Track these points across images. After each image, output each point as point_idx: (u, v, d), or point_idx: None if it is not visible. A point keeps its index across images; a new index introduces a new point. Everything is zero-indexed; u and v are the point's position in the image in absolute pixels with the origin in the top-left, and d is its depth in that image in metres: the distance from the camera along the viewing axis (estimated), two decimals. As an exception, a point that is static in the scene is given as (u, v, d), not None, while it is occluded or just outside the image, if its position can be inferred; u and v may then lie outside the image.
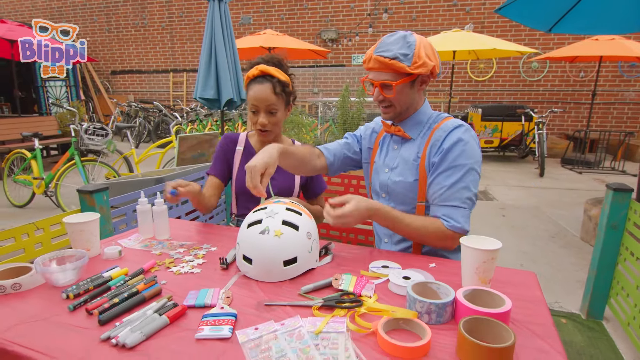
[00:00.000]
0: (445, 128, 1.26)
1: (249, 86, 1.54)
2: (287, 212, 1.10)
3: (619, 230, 2.13)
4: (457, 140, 1.22)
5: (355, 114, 4.42)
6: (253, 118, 1.55)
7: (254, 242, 1.05)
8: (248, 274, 1.07)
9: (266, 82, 1.50)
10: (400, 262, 1.15)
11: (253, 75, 1.51)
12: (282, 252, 1.04)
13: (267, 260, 1.04)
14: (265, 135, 1.59)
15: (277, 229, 1.04)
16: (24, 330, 0.82)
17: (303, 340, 0.76)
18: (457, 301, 0.85)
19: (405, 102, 1.29)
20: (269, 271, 1.04)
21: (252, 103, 1.52)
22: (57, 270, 1.00)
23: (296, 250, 1.05)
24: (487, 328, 0.76)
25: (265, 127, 1.54)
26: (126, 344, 0.75)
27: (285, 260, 1.04)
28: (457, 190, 1.22)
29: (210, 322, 0.82)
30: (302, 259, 1.07)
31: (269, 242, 1.03)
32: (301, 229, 1.07)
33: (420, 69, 1.21)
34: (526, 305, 0.92)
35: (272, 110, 1.52)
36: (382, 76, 1.25)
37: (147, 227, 1.36)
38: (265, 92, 1.49)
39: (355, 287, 0.97)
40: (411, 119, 1.34)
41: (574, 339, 2.09)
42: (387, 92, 1.27)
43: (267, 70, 1.50)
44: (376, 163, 1.45)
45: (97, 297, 0.94)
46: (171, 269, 1.11)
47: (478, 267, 0.94)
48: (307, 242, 1.08)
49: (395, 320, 0.81)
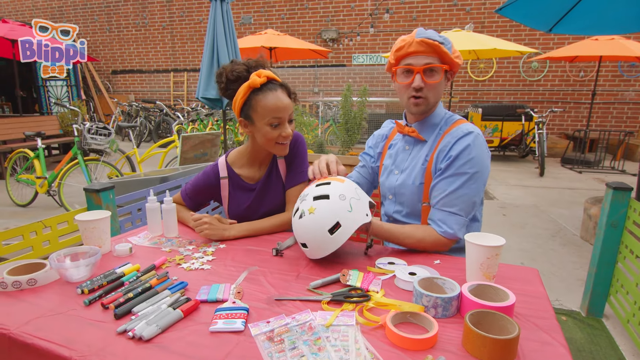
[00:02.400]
0: (455, 134, 1.25)
1: (256, 97, 1.30)
2: (317, 188, 1.15)
3: (619, 229, 2.15)
4: (464, 148, 1.21)
5: (357, 114, 4.44)
6: (274, 133, 1.32)
7: (299, 228, 1.13)
8: (312, 257, 1.16)
9: (277, 87, 1.32)
10: (405, 258, 1.18)
11: (260, 84, 1.29)
12: (322, 223, 1.08)
13: (315, 237, 1.09)
14: (286, 147, 1.40)
15: (310, 206, 1.10)
16: (42, 324, 0.84)
17: (314, 333, 0.79)
18: (462, 295, 0.87)
19: (438, 95, 1.28)
20: (323, 245, 1.09)
21: (274, 116, 1.30)
22: (71, 266, 1.03)
23: (335, 215, 1.08)
24: (492, 321, 0.78)
25: (289, 137, 1.37)
26: (143, 337, 0.78)
27: (328, 228, 1.07)
28: (457, 197, 1.22)
29: (224, 316, 0.84)
30: (346, 221, 1.08)
31: (307, 220, 1.10)
32: (332, 195, 1.10)
33: (458, 60, 1.22)
34: (529, 300, 0.95)
35: (292, 117, 1.37)
36: (427, 59, 1.19)
37: (156, 224, 1.38)
38: (285, 100, 1.32)
39: (362, 283, 0.99)
40: (428, 120, 1.33)
41: (574, 336, 2.11)
42: (431, 77, 1.22)
43: (272, 76, 1.33)
44: (385, 165, 1.46)
45: (112, 292, 0.96)
46: (182, 266, 1.13)
47: (482, 263, 0.96)
48: (342, 204, 1.09)
49: (402, 313, 0.84)
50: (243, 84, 1.31)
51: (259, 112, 1.31)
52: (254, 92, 1.31)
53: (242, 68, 1.34)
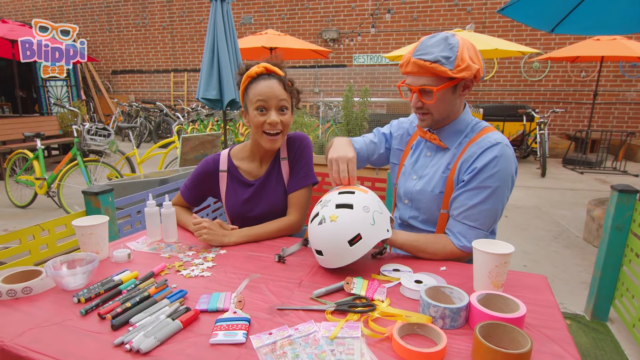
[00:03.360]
0: (482, 144, 1.19)
1: (250, 85, 1.34)
2: (340, 195, 1.11)
3: (624, 232, 2.13)
4: (490, 160, 1.15)
5: (358, 114, 4.41)
6: (259, 118, 1.32)
7: (317, 234, 1.09)
8: (325, 266, 1.12)
9: (273, 78, 1.34)
10: (410, 265, 1.15)
11: (256, 73, 1.32)
12: (343, 233, 1.04)
13: (333, 246, 1.06)
14: (274, 141, 1.36)
15: (332, 214, 1.06)
16: (37, 335, 0.82)
17: (318, 346, 0.76)
18: (471, 306, 0.84)
19: (445, 110, 1.22)
20: (340, 255, 1.06)
21: (258, 99, 1.30)
22: (67, 274, 1.00)
23: (357, 227, 1.05)
24: (503, 333, 0.76)
25: (276, 126, 1.33)
26: (140, 349, 0.75)
27: (349, 240, 1.04)
28: (478, 211, 1.18)
29: (224, 327, 0.82)
30: (367, 233, 1.06)
31: (327, 229, 1.06)
32: (356, 205, 1.07)
33: (464, 73, 1.12)
34: (539, 309, 0.92)
35: (283, 106, 1.33)
36: (421, 81, 1.17)
37: (155, 229, 1.35)
38: (274, 87, 1.31)
39: (367, 291, 0.96)
40: (449, 127, 1.27)
41: (579, 340, 2.09)
42: (427, 98, 1.19)
43: (272, 68, 1.34)
44: (405, 167, 1.40)
45: (109, 301, 0.93)
46: (181, 272, 1.10)
47: (491, 271, 0.93)
48: (366, 216, 1.07)
49: (409, 325, 0.81)
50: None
51: (250, 98, 1.34)
52: (251, 81, 1.35)
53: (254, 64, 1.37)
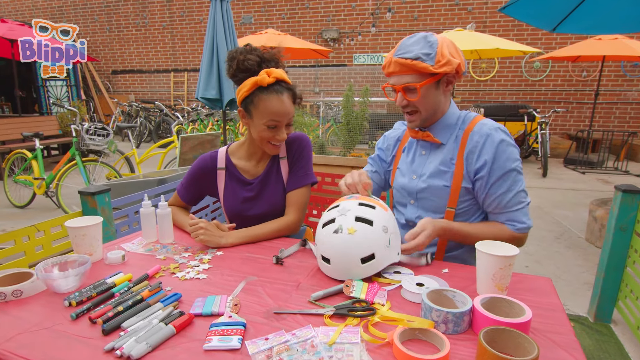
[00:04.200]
0: (482, 132, 1.22)
1: (260, 95, 1.28)
2: (360, 207, 1.07)
3: (628, 232, 2.10)
4: (498, 145, 1.19)
5: (358, 114, 4.39)
6: (268, 134, 1.32)
7: (329, 241, 1.04)
8: (328, 274, 1.07)
9: (284, 91, 1.30)
10: (412, 267, 1.12)
11: (267, 83, 1.27)
12: (357, 249, 1.01)
13: (344, 259, 1.02)
14: (278, 148, 1.40)
15: (350, 226, 1.02)
16: (25, 340, 0.79)
17: (316, 352, 0.73)
18: (474, 310, 0.82)
19: (431, 106, 1.24)
20: (348, 270, 1.03)
21: (272, 119, 1.29)
22: (59, 276, 0.97)
23: (372, 246, 1.02)
24: (508, 339, 0.73)
25: (283, 141, 1.38)
26: (131, 356, 0.72)
27: (362, 257, 1.01)
28: (512, 195, 1.22)
29: (219, 332, 0.79)
30: (381, 254, 1.03)
31: (344, 241, 1.01)
32: (376, 223, 1.04)
33: (445, 68, 1.16)
34: (544, 313, 0.89)
35: (291, 122, 1.37)
36: (404, 79, 1.20)
37: (151, 230, 1.32)
38: (287, 104, 1.30)
39: (367, 294, 0.94)
40: (440, 123, 1.29)
41: (582, 342, 2.06)
42: (411, 95, 1.21)
43: (282, 76, 1.30)
44: (400, 169, 1.40)
45: (101, 305, 0.91)
46: (176, 275, 1.08)
47: (495, 274, 0.91)
48: (383, 237, 1.04)
49: (411, 330, 0.78)
50: (251, 78, 1.29)
51: (259, 110, 1.30)
52: (260, 89, 1.28)
53: (255, 61, 1.30)
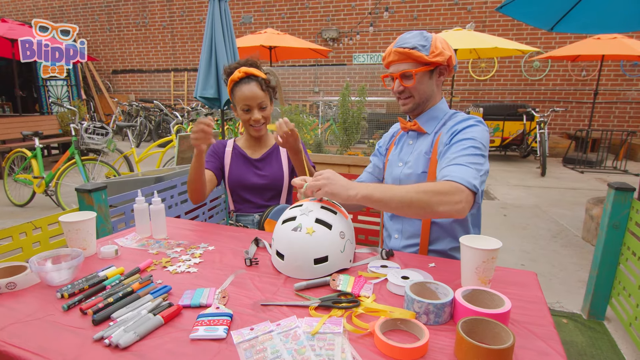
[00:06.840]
0: (457, 119, 1.31)
1: (235, 88, 1.63)
2: (322, 210, 1.09)
3: (621, 230, 2.11)
4: (466, 125, 1.25)
5: (355, 113, 4.39)
6: (245, 116, 1.65)
7: (287, 238, 1.07)
8: (280, 269, 1.09)
9: (252, 81, 1.61)
10: (399, 261, 1.14)
11: (238, 78, 1.61)
12: (313, 250, 1.03)
13: (298, 258, 1.04)
14: (259, 130, 1.69)
15: (310, 226, 1.04)
16: (17, 330, 0.81)
17: (299, 341, 0.75)
18: (455, 301, 0.83)
19: (424, 93, 1.33)
20: (300, 268, 1.05)
21: (244, 103, 1.61)
22: (52, 269, 0.99)
23: (328, 249, 1.04)
24: (486, 329, 0.75)
25: (259, 122, 1.65)
26: (119, 345, 0.74)
27: (316, 258, 1.03)
28: (461, 155, 1.14)
29: (205, 322, 0.81)
30: (334, 258, 1.06)
31: (301, 239, 1.04)
32: (334, 227, 1.06)
33: (438, 58, 1.27)
34: (526, 305, 0.91)
35: (263, 105, 1.64)
36: (402, 66, 1.31)
37: (144, 226, 1.35)
38: (255, 90, 1.61)
39: (353, 288, 0.95)
40: (428, 113, 1.38)
41: (575, 339, 2.07)
42: (407, 81, 1.31)
43: (250, 71, 1.61)
44: (390, 159, 1.49)
45: (92, 297, 0.93)
46: (167, 268, 1.10)
47: (478, 267, 0.92)
48: (339, 242, 1.06)
49: (392, 320, 0.80)
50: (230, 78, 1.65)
51: (236, 99, 1.64)
52: (235, 84, 1.64)
53: (235, 68, 1.65)
